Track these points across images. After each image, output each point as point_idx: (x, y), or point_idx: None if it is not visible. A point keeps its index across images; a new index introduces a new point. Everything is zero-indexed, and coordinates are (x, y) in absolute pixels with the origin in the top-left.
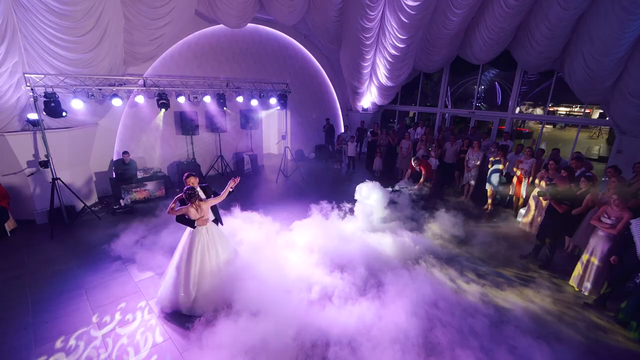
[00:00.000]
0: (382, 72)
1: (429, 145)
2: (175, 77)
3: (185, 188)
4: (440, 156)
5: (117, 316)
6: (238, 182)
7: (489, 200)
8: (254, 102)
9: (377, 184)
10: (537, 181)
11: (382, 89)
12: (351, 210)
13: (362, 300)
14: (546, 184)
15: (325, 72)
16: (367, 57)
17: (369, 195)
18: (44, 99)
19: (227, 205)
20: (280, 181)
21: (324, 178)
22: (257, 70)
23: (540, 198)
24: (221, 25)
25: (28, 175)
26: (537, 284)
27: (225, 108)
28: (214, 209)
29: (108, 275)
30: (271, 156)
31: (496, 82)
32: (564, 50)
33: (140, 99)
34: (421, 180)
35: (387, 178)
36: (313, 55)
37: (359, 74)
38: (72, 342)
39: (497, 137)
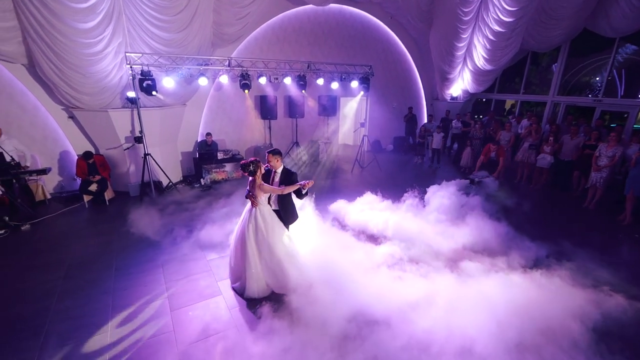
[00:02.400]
0: (479, 54)
1: (543, 138)
2: (258, 58)
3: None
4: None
5: (187, 293)
6: (311, 185)
7: (628, 210)
8: (335, 85)
9: None
10: None
11: (478, 73)
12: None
13: None
14: None
15: (411, 55)
16: (464, 36)
17: None
18: (140, 77)
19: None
20: (355, 172)
21: (404, 172)
22: (338, 54)
23: None
24: (305, 7)
25: (125, 150)
26: None
27: (303, 91)
28: (286, 203)
29: (184, 251)
30: (345, 146)
31: (615, 70)
32: None
33: (224, 79)
34: (498, 169)
35: None
36: (398, 37)
37: (452, 57)
38: (144, 312)
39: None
